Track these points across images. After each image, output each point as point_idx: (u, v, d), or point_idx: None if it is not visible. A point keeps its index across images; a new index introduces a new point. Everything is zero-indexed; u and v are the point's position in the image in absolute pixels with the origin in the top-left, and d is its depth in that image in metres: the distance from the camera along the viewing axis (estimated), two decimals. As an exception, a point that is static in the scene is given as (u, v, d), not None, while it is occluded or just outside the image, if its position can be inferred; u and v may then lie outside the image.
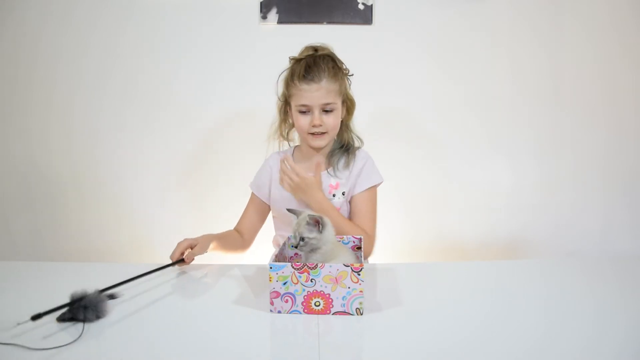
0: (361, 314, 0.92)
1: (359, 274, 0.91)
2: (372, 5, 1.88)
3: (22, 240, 1.98)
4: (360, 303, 0.92)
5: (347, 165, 1.35)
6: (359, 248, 1.13)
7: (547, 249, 2.01)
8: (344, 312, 0.92)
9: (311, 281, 0.92)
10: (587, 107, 1.96)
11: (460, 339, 0.85)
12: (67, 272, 1.24)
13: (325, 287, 0.92)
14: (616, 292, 1.07)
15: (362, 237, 1.14)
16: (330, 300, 0.92)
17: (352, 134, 1.38)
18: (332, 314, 0.92)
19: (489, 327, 0.90)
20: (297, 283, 0.92)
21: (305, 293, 0.92)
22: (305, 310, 0.93)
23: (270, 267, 0.92)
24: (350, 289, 0.91)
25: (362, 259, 1.06)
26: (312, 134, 1.30)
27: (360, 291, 0.92)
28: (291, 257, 1.13)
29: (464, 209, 1.99)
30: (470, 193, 1.99)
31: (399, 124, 1.95)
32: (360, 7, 1.89)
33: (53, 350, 0.79)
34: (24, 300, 1.02)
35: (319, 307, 0.93)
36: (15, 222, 1.98)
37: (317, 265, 0.91)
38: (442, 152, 1.97)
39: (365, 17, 1.89)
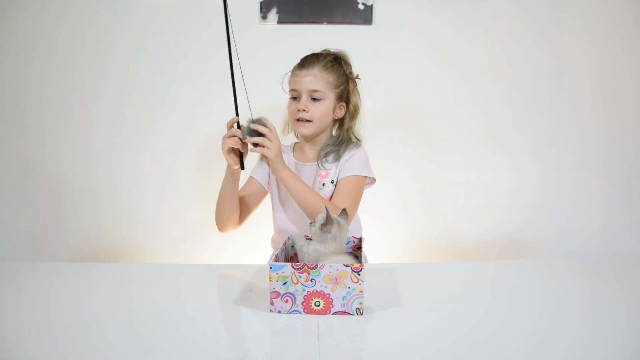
0: (361, 314, 0.92)
1: (359, 274, 0.91)
2: (372, 5, 1.88)
3: (22, 240, 1.99)
4: (360, 303, 0.92)
5: (337, 158, 1.35)
6: (359, 248, 1.13)
7: (547, 249, 2.00)
8: (344, 312, 0.92)
9: (311, 281, 0.92)
10: (587, 107, 1.95)
11: (460, 339, 0.85)
12: (67, 272, 1.24)
13: (325, 287, 0.92)
14: (616, 292, 1.07)
15: (361, 237, 1.13)
16: (330, 300, 0.92)
17: (352, 134, 1.39)
18: (332, 314, 0.92)
19: (489, 327, 0.90)
20: (297, 283, 0.92)
21: (305, 293, 0.92)
22: (305, 310, 0.93)
23: (270, 267, 0.92)
24: (350, 289, 0.92)
25: (362, 258, 1.07)
26: (298, 120, 1.32)
27: (360, 291, 0.92)
28: (291, 257, 1.13)
29: (464, 209, 1.99)
30: (470, 193, 1.99)
31: (398, 123, 1.94)
32: (360, 7, 1.89)
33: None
34: (24, 300, 1.02)
35: (319, 307, 0.93)
36: (15, 222, 1.98)
37: (317, 265, 0.92)
38: (442, 152, 1.97)
39: (365, 17, 1.89)
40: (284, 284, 0.92)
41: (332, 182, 1.33)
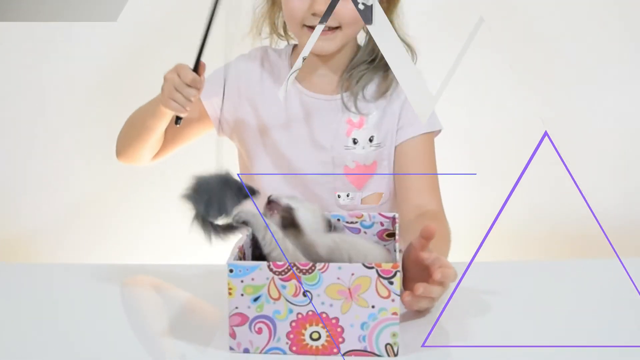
0: (395, 355, 0.48)
1: (392, 282, 0.46)
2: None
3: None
4: (394, 334, 0.47)
5: (381, 91, 0.74)
6: (392, 235, 0.62)
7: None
8: (364, 352, 0.48)
9: (304, 295, 0.48)
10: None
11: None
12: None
13: (331, 305, 0.48)
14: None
15: (395, 216, 0.64)
16: (339, 329, 0.48)
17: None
18: (343, 355, 0.48)
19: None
20: (278, 299, 0.48)
21: (294, 317, 0.48)
22: (294, 349, 0.48)
23: (230, 270, 0.47)
24: (376, 310, 0.47)
25: (397, 254, 0.54)
26: (311, 27, 0.69)
27: (394, 313, 0.47)
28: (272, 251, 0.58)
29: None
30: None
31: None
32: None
33: None
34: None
35: (318, 343, 0.49)
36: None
37: (314, 265, 0.46)
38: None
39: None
40: (256, 299, 0.48)
41: (370, 141, 0.76)
